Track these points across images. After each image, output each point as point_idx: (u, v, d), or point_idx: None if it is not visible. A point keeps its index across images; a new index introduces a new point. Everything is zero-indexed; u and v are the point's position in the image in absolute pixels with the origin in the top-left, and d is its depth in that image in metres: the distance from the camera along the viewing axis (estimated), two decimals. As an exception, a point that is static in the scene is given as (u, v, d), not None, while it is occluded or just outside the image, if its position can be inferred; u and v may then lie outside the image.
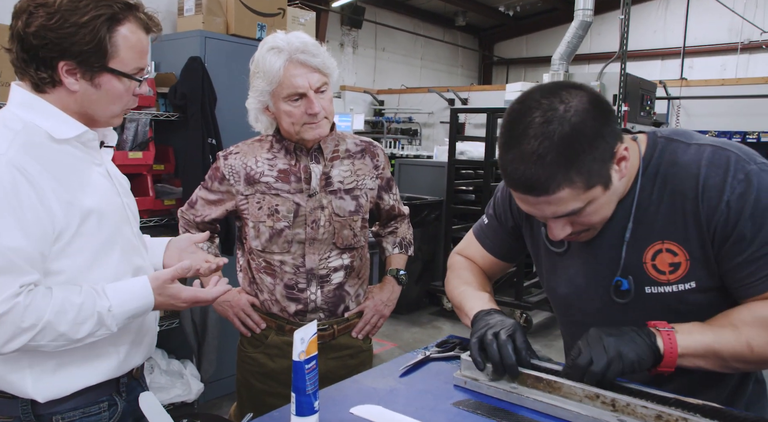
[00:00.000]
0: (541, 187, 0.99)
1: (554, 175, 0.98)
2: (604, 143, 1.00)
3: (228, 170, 1.73)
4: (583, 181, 0.99)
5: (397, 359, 1.27)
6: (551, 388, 1.06)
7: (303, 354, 0.93)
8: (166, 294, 1.20)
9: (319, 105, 1.58)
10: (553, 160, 0.97)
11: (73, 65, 1.11)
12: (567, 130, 0.97)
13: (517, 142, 0.99)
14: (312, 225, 1.68)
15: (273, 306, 1.73)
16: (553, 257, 1.26)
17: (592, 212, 1.05)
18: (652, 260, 1.11)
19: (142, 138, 3.11)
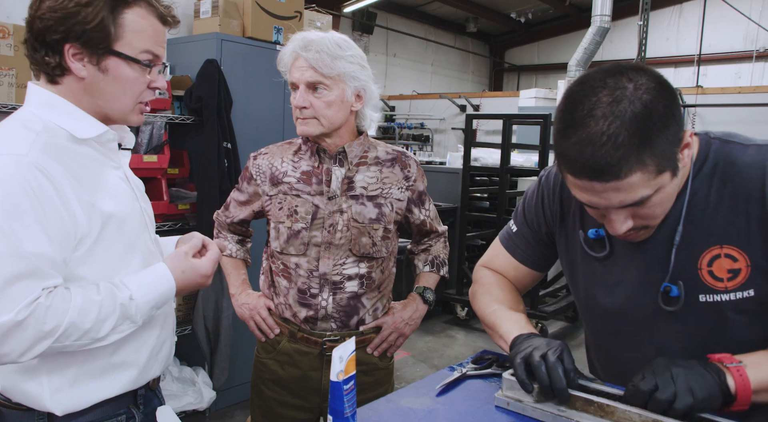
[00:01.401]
0: (611, 171, 0.91)
1: (626, 157, 0.90)
2: (675, 124, 0.93)
3: (255, 170, 1.73)
4: (655, 165, 0.92)
5: (432, 376, 1.20)
6: (603, 412, 0.99)
7: (342, 373, 0.86)
8: (189, 270, 1.16)
9: (305, 101, 1.56)
10: (625, 140, 0.89)
11: (78, 48, 1.06)
12: (639, 108, 0.90)
13: (582, 124, 0.92)
14: (329, 229, 1.62)
15: (286, 310, 1.69)
16: (593, 263, 1.18)
17: (658, 202, 0.98)
18: (709, 266, 1.04)
19: (157, 141, 3.06)
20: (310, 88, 1.57)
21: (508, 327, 1.19)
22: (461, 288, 5.16)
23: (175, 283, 1.14)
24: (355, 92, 1.62)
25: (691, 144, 0.98)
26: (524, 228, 1.33)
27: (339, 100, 1.59)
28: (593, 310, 1.23)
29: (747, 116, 7.97)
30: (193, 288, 1.19)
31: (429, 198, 1.82)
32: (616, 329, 1.19)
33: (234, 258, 1.85)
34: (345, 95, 1.60)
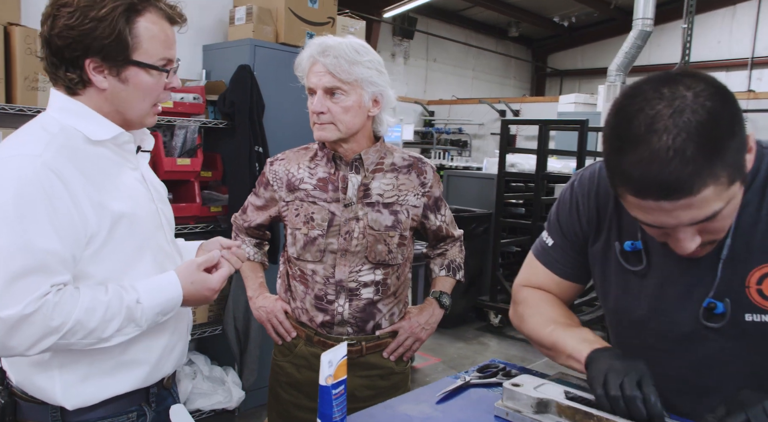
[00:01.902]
0: (683, 188, 0.84)
1: (698, 171, 0.83)
2: (741, 129, 0.86)
3: (272, 176, 1.74)
4: (727, 176, 0.85)
5: (436, 383, 1.19)
6: (602, 426, 0.96)
7: (330, 378, 0.86)
8: (198, 283, 1.17)
9: (322, 106, 1.56)
10: (694, 153, 0.82)
11: (98, 62, 1.09)
12: (704, 117, 0.83)
13: (643, 140, 0.84)
14: (345, 236, 1.63)
15: (302, 315, 1.70)
16: (628, 275, 1.11)
17: (728, 215, 0.91)
18: (758, 284, 0.98)
19: (190, 145, 3.13)
20: (327, 93, 1.58)
21: (574, 345, 1.10)
22: (495, 295, 5.10)
23: (183, 293, 1.16)
24: (373, 97, 1.62)
25: (753, 147, 0.91)
26: (561, 239, 1.24)
27: (356, 106, 1.59)
28: (623, 324, 1.17)
29: (801, 122, 7.65)
30: (200, 300, 1.21)
31: (445, 203, 1.81)
32: (648, 345, 1.12)
33: (252, 262, 1.87)
34: (362, 100, 1.60)
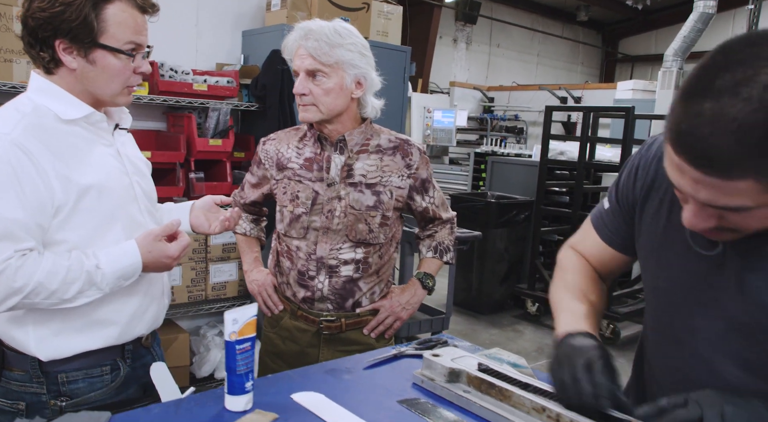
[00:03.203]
0: (720, 166, 0.74)
1: (747, 158, 0.72)
2: None
3: (264, 155, 1.83)
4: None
5: (373, 352, 1.26)
6: (502, 396, 1.00)
7: (234, 334, 0.95)
8: (155, 251, 1.27)
9: (304, 88, 1.62)
10: (757, 139, 0.71)
11: (67, 43, 1.21)
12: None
13: (717, 96, 0.73)
14: (327, 215, 1.70)
15: (287, 289, 1.79)
16: (691, 257, 0.98)
17: (758, 217, 0.81)
18: None
19: (222, 126, 3.29)
20: (309, 75, 1.65)
21: (563, 320, 1.08)
22: (533, 283, 5.05)
23: (142, 260, 1.27)
24: (355, 79, 1.68)
25: None
26: (614, 204, 1.16)
27: (338, 88, 1.65)
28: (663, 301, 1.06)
29: None
30: (161, 268, 1.31)
31: (434, 185, 1.84)
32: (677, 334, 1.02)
33: (248, 237, 1.98)
34: (344, 82, 1.66)
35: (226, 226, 1.55)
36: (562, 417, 0.92)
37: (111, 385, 1.32)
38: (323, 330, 1.76)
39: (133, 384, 1.40)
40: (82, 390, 1.29)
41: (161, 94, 2.99)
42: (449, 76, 11.25)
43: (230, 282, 3.40)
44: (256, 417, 0.95)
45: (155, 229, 1.30)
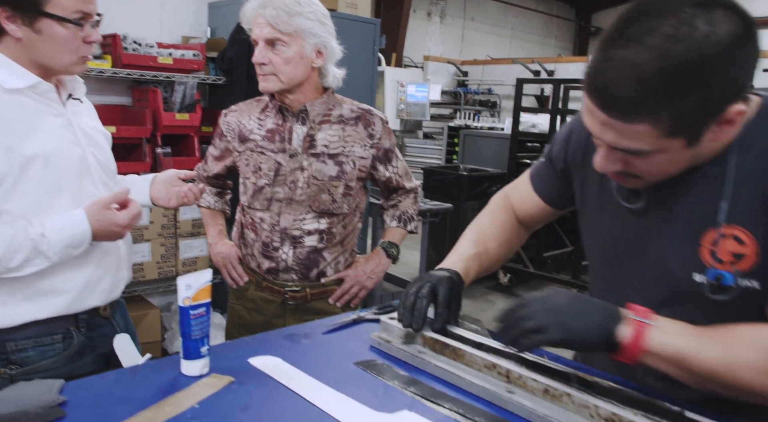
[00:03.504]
0: (622, 108, 0.81)
1: (644, 102, 0.79)
2: (721, 94, 0.80)
3: (225, 127, 1.82)
4: (668, 125, 0.81)
5: (333, 317, 1.27)
6: (455, 355, 1.03)
7: (188, 300, 0.95)
8: (104, 220, 1.25)
9: (264, 57, 1.60)
10: (654, 85, 0.78)
11: (10, 11, 1.18)
12: (692, 59, 0.76)
13: (625, 44, 0.79)
14: (290, 186, 1.70)
15: (252, 261, 1.79)
16: (620, 212, 1.05)
17: (657, 163, 0.88)
18: (712, 245, 0.91)
19: (189, 100, 3.25)
20: (268, 44, 1.63)
21: (447, 259, 1.18)
22: (505, 255, 5.12)
23: (90, 229, 1.25)
24: (315, 48, 1.67)
25: (737, 121, 0.84)
26: (548, 159, 1.23)
27: (298, 57, 1.64)
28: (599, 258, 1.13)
29: None
30: (111, 236, 1.29)
31: (397, 155, 1.84)
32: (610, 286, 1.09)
33: (212, 210, 1.97)
34: (304, 51, 1.65)
35: (185, 201, 1.54)
36: (512, 373, 0.95)
37: (63, 354, 1.32)
38: (288, 301, 1.77)
39: (88, 353, 1.39)
40: (32, 359, 1.28)
41: (125, 67, 2.93)
42: (423, 51, 11.18)
43: (201, 258, 3.38)
44: (211, 381, 0.96)
45: (104, 197, 1.28)
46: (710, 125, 0.83)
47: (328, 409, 0.88)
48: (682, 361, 0.86)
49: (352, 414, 0.87)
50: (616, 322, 0.88)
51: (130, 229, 1.31)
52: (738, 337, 0.86)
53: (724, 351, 0.85)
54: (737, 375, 0.83)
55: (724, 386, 0.86)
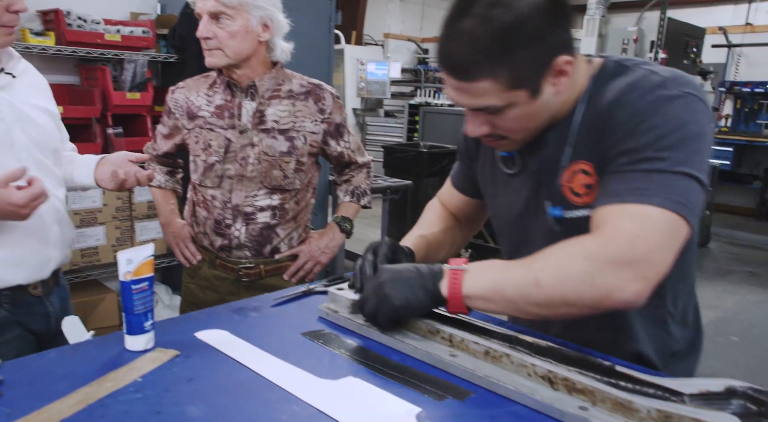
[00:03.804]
0: (464, 70, 0.94)
1: (480, 61, 0.92)
2: (543, 47, 0.93)
3: (173, 104, 1.79)
4: (507, 79, 0.92)
5: (283, 290, 1.28)
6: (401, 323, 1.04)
7: (129, 274, 0.94)
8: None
9: (208, 31, 1.58)
10: (484, 45, 0.91)
11: None
12: (509, 19, 0.90)
13: (458, 17, 0.93)
14: (241, 162, 1.68)
15: (204, 239, 1.78)
16: (505, 179, 1.18)
17: (513, 118, 0.98)
18: (569, 182, 1.05)
19: (140, 79, 3.17)
20: (213, 18, 1.60)
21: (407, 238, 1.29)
22: (466, 231, 5.18)
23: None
24: (261, 22, 1.64)
25: (568, 72, 0.96)
26: (458, 155, 1.35)
27: (243, 31, 1.61)
28: (504, 227, 1.24)
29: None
30: (10, 216, 1.23)
31: (348, 130, 1.84)
32: (520, 242, 1.18)
33: (163, 189, 1.94)
34: (249, 25, 1.62)
35: (124, 185, 1.48)
36: (455, 337, 0.97)
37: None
38: (242, 278, 1.76)
39: (13, 327, 1.38)
40: None
41: (70, 44, 2.83)
42: (383, 28, 11.08)
43: (158, 240, 3.33)
44: (156, 355, 0.95)
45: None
46: (545, 75, 0.95)
47: (273, 378, 0.89)
48: (498, 292, 0.92)
49: (297, 381, 0.88)
50: (438, 279, 0.96)
51: (30, 209, 1.23)
52: (541, 254, 0.93)
53: (529, 268, 0.91)
54: (542, 285, 0.89)
55: (539, 304, 0.90)
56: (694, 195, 0.90)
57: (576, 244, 0.91)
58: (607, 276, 0.86)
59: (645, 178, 0.90)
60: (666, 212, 0.87)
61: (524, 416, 0.82)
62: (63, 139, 1.59)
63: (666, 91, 0.93)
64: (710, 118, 0.96)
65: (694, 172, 0.90)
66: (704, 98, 0.96)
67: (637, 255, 0.86)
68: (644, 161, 0.91)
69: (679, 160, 0.89)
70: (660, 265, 0.87)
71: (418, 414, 0.80)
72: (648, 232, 0.87)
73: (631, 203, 0.89)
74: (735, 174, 7.85)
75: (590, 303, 0.88)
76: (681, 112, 0.92)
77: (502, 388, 0.87)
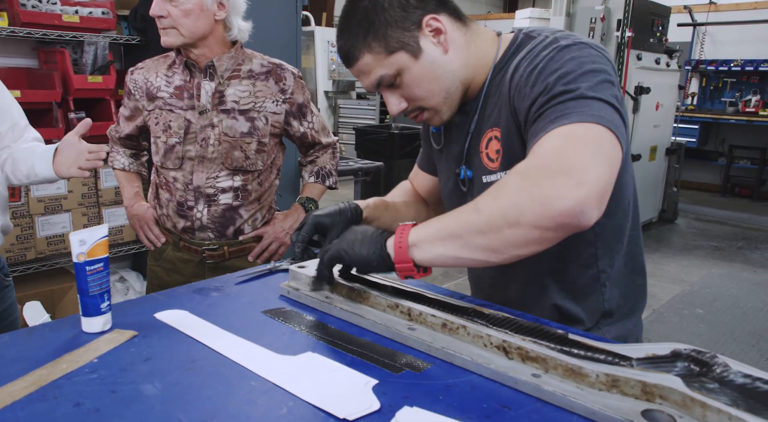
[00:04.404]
0: (349, 56, 1.06)
1: (355, 43, 1.04)
2: (402, 11, 1.02)
3: (132, 85, 1.76)
4: (381, 47, 1.02)
5: (247, 269, 1.27)
6: (361, 298, 1.05)
7: (82, 255, 0.93)
8: None
9: (162, 9, 1.55)
10: (354, 29, 1.03)
11: None
12: (368, 3, 1.02)
13: (340, 18, 1.07)
14: (202, 143, 1.66)
15: (167, 221, 1.76)
16: (438, 155, 1.27)
17: (412, 83, 1.05)
18: (486, 149, 1.10)
19: (102, 61, 3.10)
20: None
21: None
22: (438, 212, 5.21)
23: None
24: (216, 0, 1.61)
25: (442, 29, 1.03)
26: (421, 136, 1.39)
27: (198, 9, 1.58)
28: (444, 197, 1.29)
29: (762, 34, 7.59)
30: None
31: (311, 110, 1.83)
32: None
33: (127, 172, 1.91)
34: (204, 3, 1.59)
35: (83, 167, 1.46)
36: (413, 311, 0.98)
37: None
38: (207, 259, 1.75)
39: None
40: None
41: (25, 26, 2.75)
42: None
43: (126, 226, 3.29)
44: (113, 336, 0.95)
45: None
46: (418, 36, 1.02)
47: (231, 355, 0.89)
48: (443, 229, 0.90)
49: (255, 358, 0.88)
50: (386, 237, 0.97)
51: None
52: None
53: (474, 206, 0.89)
54: (481, 211, 0.87)
55: (484, 232, 0.86)
56: (613, 116, 0.90)
57: (509, 173, 0.90)
58: (543, 186, 0.82)
59: (561, 108, 0.91)
60: (589, 125, 0.87)
61: (480, 385, 0.83)
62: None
63: (559, 43, 0.98)
64: (607, 61, 0.98)
65: (606, 98, 0.91)
66: (597, 46, 0.99)
67: (570, 163, 0.83)
68: (556, 97, 0.92)
69: (588, 88, 0.91)
70: (596, 171, 0.83)
71: (375, 386, 0.81)
72: (576, 143, 0.86)
73: (553, 129, 0.89)
74: (701, 151, 8.01)
75: (534, 220, 0.82)
76: (576, 54, 0.95)
77: (458, 359, 0.88)
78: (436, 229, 0.92)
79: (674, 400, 0.72)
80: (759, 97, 7.72)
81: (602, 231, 1.07)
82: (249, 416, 0.73)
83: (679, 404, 0.72)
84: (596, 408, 0.73)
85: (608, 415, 0.72)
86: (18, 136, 1.56)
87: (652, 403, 0.74)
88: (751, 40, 7.68)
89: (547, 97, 0.93)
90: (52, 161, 1.49)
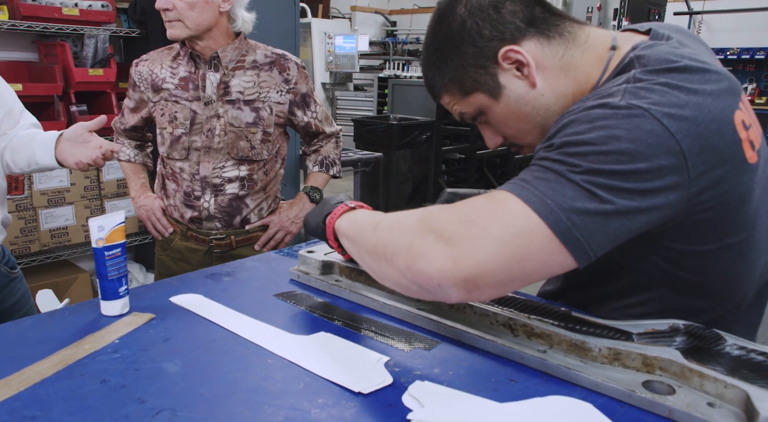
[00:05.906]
0: (432, 93, 1.00)
1: (433, 81, 0.97)
2: (474, 47, 0.89)
3: (137, 77, 1.78)
4: (456, 88, 0.94)
5: (265, 254, 1.30)
6: (369, 281, 1.08)
7: (101, 241, 0.96)
8: None
9: (167, 2, 1.58)
10: (432, 67, 0.96)
11: None
12: (443, 33, 0.92)
13: (423, 50, 1.00)
14: (207, 134, 1.69)
15: (174, 211, 1.79)
16: None
17: (498, 123, 0.96)
18: None
19: (102, 55, 3.11)
20: None
21: None
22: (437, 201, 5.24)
23: None
24: None
25: (525, 60, 0.88)
26: None
27: (203, 1, 1.61)
28: None
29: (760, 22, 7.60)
30: None
31: (315, 100, 1.85)
32: None
33: (133, 163, 1.94)
34: None
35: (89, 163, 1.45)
36: (420, 292, 1.01)
37: None
38: (214, 249, 1.79)
39: None
40: None
41: (25, 19, 2.76)
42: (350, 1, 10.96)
43: (129, 218, 3.31)
44: (132, 319, 0.98)
45: None
46: (495, 72, 0.90)
47: (247, 335, 0.92)
48: (353, 230, 0.92)
49: (271, 338, 0.92)
50: (331, 210, 1.00)
51: None
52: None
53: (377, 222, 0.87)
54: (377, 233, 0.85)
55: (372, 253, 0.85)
56: (588, 219, 0.72)
57: (432, 207, 0.84)
58: (426, 241, 0.76)
59: (538, 172, 0.77)
60: (528, 211, 0.73)
61: (487, 360, 0.87)
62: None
63: (611, 99, 0.77)
64: (659, 143, 0.73)
65: (601, 193, 0.72)
66: (663, 119, 0.74)
67: (463, 235, 0.74)
68: (547, 159, 0.77)
69: (588, 171, 0.73)
70: (484, 256, 0.72)
71: (387, 362, 0.85)
72: (491, 219, 0.74)
73: (504, 189, 0.77)
74: (698, 139, 8.01)
75: (402, 267, 0.78)
76: (615, 123, 0.74)
77: (466, 336, 0.91)
78: (352, 223, 0.94)
79: (673, 371, 0.76)
80: (755, 85, 7.75)
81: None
82: (268, 390, 0.77)
83: (677, 375, 0.76)
84: (599, 380, 0.77)
85: (611, 386, 0.76)
86: (15, 122, 1.52)
87: (653, 375, 0.77)
88: (747, 28, 7.69)
89: (544, 153, 0.79)
90: (54, 149, 1.46)
